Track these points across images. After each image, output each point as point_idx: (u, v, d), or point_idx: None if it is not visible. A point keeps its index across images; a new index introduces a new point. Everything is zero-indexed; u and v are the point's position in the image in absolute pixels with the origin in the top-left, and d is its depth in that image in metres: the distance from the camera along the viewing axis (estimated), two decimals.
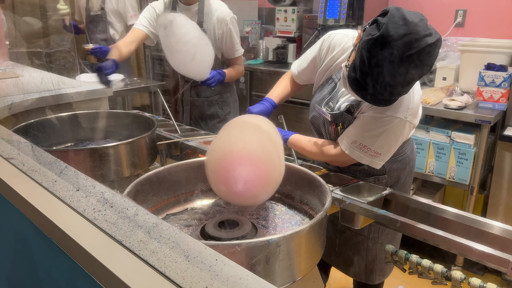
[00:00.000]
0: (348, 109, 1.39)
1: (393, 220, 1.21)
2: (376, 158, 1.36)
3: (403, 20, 1.07)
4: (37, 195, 0.92)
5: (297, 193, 1.34)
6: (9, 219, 1.11)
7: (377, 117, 1.31)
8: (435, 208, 1.30)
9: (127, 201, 0.88)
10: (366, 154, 1.35)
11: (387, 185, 1.51)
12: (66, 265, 0.82)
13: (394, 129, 1.31)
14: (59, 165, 1.08)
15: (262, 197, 1.13)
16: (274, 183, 1.10)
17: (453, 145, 2.43)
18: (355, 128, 1.36)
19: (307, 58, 1.60)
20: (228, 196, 1.12)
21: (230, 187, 1.03)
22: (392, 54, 1.07)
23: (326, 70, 1.50)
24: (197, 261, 0.67)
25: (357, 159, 1.37)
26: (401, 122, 1.30)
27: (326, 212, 1.07)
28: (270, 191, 1.11)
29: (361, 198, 1.30)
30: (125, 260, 0.69)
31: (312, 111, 1.55)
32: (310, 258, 1.05)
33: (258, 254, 0.89)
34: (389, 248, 1.27)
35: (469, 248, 1.09)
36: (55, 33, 2.66)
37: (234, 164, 1.02)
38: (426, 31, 1.09)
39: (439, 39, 1.11)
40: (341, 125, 1.42)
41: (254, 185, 1.04)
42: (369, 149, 1.34)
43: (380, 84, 1.12)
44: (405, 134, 1.36)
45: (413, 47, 1.07)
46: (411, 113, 1.31)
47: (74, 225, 0.80)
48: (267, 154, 1.07)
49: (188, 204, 1.37)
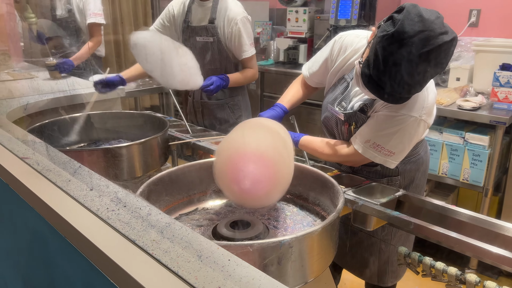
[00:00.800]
0: (362, 108, 1.38)
1: (406, 222, 1.20)
2: (390, 158, 1.34)
3: (419, 17, 1.06)
4: (51, 194, 0.94)
5: (309, 194, 1.34)
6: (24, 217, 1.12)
7: (391, 115, 1.30)
8: (449, 210, 1.28)
9: (140, 201, 0.88)
10: (379, 153, 1.33)
11: (400, 186, 1.50)
12: (80, 264, 0.83)
13: (409, 128, 1.30)
14: (73, 165, 1.09)
15: (271, 198, 1.12)
16: (284, 184, 1.09)
17: (467, 146, 2.40)
18: (369, 127, 1.35)
19: (318, 60, 1.59)
20: (238, 196, 1.09)
21: (240, 185, 1.01)
22: (407, 51, 1.06)
23: (338, 71, 1.49)
24: (209, 261, 0.67)
25: (370, 158, 1.35)
26: (415, 121, 1.29)
27: (338, 213, 1.06)
28: (280, 192, 1.10)
29: (373, 199, 1.29)
30: (138, 259, 0.70)
31: (325, 111, 1.54)
32: (322, 260, 1.04)
33: (270, 255, 0.89)
34: (402, 250, 1.26)
35: (484, 250, 1.08)
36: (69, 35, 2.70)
37: (247, 161, 1.00)
38: (442, 29, 1.08)
39: (455, 37, 1.10)
40: (354, 125, 1.41)
41: (265, 185, 1.03)
42: (383, 148, 1.32)
43: (394, 81, 1.11)
44: (420, 134, 1.35)
45: (428, 44, 1.06)
46: (425, 112, 1.30)
47: (88, 224, 0.81)
48: (279, 155, 1.07)
49: (200, 204, 1.37)
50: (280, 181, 1.07)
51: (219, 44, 2.14)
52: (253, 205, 1.20)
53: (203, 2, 2.14)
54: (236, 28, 2.09)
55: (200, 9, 2.15)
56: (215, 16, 2.12)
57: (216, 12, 2.11)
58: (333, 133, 1.54)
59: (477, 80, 2.64)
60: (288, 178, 1.09)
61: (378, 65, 1.11)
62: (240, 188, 1.00)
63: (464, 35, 2.98)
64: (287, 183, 1.09)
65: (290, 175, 1.10)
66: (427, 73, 1.11)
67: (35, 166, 1.07)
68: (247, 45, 2.15)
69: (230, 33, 2.11)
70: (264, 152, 1.03)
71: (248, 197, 1.04)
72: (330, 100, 1.50)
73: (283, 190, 1.09)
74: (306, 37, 3.61)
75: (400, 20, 1.07)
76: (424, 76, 1.12)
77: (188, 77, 1.86)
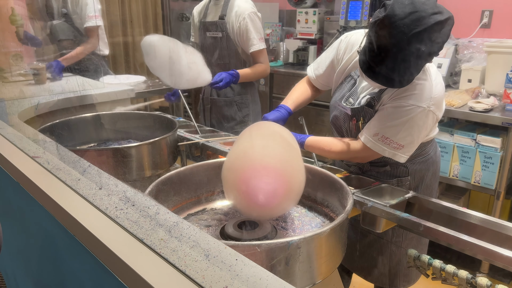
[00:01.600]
0: (369, 102, 1.37)
1: (416, 224, 1.19)
2: (399, 151, 1.32)
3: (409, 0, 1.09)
4: (61, 193, 0.94)
5: (317, 195, 1.33)
6: (34, 216, 1.13)
7: (399, 107, 1.28)
8: (460, 212, 1.27)
9: (149, 200, 0.89)
10: (388, 147, 1.32)
11: (410, 187, 1.48)
12: (88, 262, 0.83)
13: (417, 119, 1.28)
14: (83, 164, 1.10)
15: (285, 208, 1.10)
16: (297, 192, 1.06)
17: (478, 148, 2.37)
18: (377, 121, 1.34)
19: (324, 61, 1.58)
20: (251, 210, 1.06)
21: (255, 200, 0.98)
22: (399, 33, 1.08)
23: (345, 69, 1.49)
24: (217, 261, 0.67)
25: (379, 152, 1.33)
26: (424, 112, 1.28)
27: (347, 215, 1.05)
28: (293, 201, 1.07)
29: (383, 201, 1.28)
30: (146, 258, 0.70)
31: (333, 110, 1.53)
32: (331, 261, 1.03)
33: (278, 255, 0.89)
34: (411, 253, 1.24)
35: (496, 253, 1.06)
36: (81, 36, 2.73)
37: (260, 177, 0.98)
38: (434, 9, 1.10)
39: (450, 17, 1.12)
40: (362, 120, 1.40)
41: (279, 197, 1.01)
42: (392, 141, 1.31)
43: (389, 63, 1.13)
44: (429, 126, 1.33)
45: (420, 24, 1.08)
46: (434, 103, 1.28)
47: (97, 223, 0.81)
48: (291, 165, 1.05)
49: (208, 204, 1.37)
50: (294, 190, 1.05)
51: (228, 40, 2.23)
52: (266, 217, 1.18)
53: (217, 1, 2.26)
54: (244, 22, 2.17)
55: (214, 7, 2.28)
56: (225, 12, 2.21)
57: (227, 9, 2.22)
58: (342, 132, 1.53)
59: (489, 81, 2.61)
60: (301, 186, 1.07)
61: (372, 50, 1.14)
62: (254, 203, 0.99)
63: (476, 36, 2.94)
64: (300, 191, 1.07)
65: (302, 182, 1.07)
66: (422, 53, 1.12)
67: (46, 165, 1.08)
68: (256, 39, 2.21)
69: (239, 27, 2.19)
70: (277, 164, 1.01)
71: (262, 210, 1.02)
72: (337, 98, 1.49)
73: (296, 199, 1.07)
74: (316, 39, 3.60)
75: (390, 5, 1.10)
76: (419, 56, 1.13)
77: (196, 74, 1.89)
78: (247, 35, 2.19)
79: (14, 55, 2.55)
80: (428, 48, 1.11)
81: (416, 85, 1.28)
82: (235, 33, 2.21)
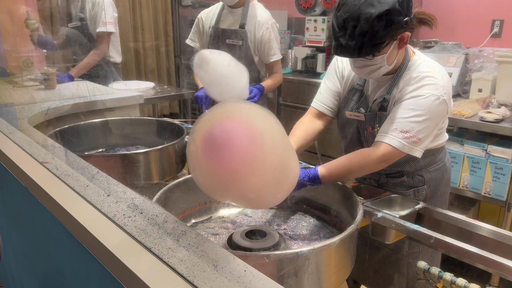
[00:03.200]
0: (381, 106, 1.36)
1: (427, 236, 1.17)
2: (416, 145, 1.30)
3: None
4: (69, 199, 0.94)
5: (326, 205, 1.32)
6: (42, 221, 1.13)
7: (415, 96, 1.29)
8: (471, 224, 1.25)
9: (157, 208, 0.88)
10: (407, 141, 1.30)
11: (426, 196, 1.47)
12: (95, 269, 0.83)
13: (433, 109, 1.28)
14: (91, 170, 1.09)
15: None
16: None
17: (489, 159, 2.34)
18: (393, 118, 1.32)
19: (326, 86, 1.54)
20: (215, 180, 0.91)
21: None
22: (352, 5, 1.21)
23: (346, 84, 1.48)
24: (225, 271, 0.66)
25: (399, 147, 1.28)
26: (438, 100, 1.28)
27: (357, 225, 1.04)
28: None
29: (393, 211, 1.26)
30: (153, 267, 0.69)
31: (345, 126, 1.50)
32: (340, 273, 1.02)
33: (286, 267, 0.87)
34: (421, 265, 1.22)
35: (507, 267, 1.04)
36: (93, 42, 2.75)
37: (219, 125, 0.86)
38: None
39: None
40: (377, 127, 1.38)
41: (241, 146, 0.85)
42: (410, 135, 1.29)
43: (350, 31, 1.21)
44: (442, 117, 1.33)
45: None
46: (445, 92, 1.29)
47: (105, 230, 0.81)
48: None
49: (216, 212, 1.36)
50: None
51: (247, 49, 2.24)
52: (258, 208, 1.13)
53: (233, 9, 2.26)
54: (267, 32, 2.21)
55: (230, 15, 2.27)
56: (245, 21, 2.23)
57: (246, 18, 2.23)
58: (358, 144, 1.50)
59: (500, 91, 2.58)
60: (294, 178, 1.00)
61: (335, 31, 1.25)
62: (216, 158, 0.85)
63: (486, 45, 2.92)
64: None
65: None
66: (372, 13, 1.18)
67: (54, 171, 1.08)
68: (276, 49, 2.27)
69: (261, 36, 2.21)
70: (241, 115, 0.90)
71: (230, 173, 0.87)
72: (347, 111, 1.47)
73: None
74: (325, 46, 3.59)
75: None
76: (370, 15, 1.18)
77: (240, 92, 1.87)
78: (269, 44, 2.23)
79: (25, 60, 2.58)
80: (378, 8, 1.18)
81: (424, 78, 1.29)
82: (257, 41, 2.23)
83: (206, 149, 0.85)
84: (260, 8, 2.28)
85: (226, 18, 2.29)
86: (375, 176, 1.51)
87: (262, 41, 2.22)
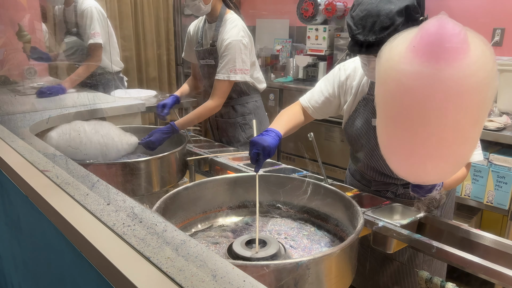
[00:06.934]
0: None
1: (428, 245, 1.16)
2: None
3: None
4: (69, 208, 0.94)
5: (327, 213, 1.31)
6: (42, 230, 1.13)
7: None
8: (474, 234, 1.24)
9: (156, 217, 0.88)
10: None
11: (439, 203, 1.45)
12: (94, 279, 0.82)
13: None
14: (92, 179, 1.09)
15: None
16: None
17: (491, 168, 2.33)
18: None
19: (320, 91, 1.55)
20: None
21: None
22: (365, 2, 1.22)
23: (355, 96, 1.47)
24: (224, 281, 0.65)
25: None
26: None
27: (358, 234, 1.03)
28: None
29: (394, 220, 1.26)
30: (152, 277, 0.68)
31: (361, 138, 1.47)
32: (341, 282, 1.01)
33: (286, 276, 0.87)
34: (423, 275, 1.21)
35: (510, 278, 1.03)
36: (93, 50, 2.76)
37: None
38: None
39: None
40: None
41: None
42: None
43: (369, 26, 1.21)
44: None
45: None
46: None
47: (104, 240, 0.80)
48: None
49: (216, 220, 1.36)
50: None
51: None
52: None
53: (210, 24, 2.09)
54: (226, 52, 1.97)
55: (208, 31, 2.10)
56: (216, 39, 2.04)
57: (217, 35, 2.04)
58: None
59: (502, 100, 2.58)
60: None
61: (351, 29, 1.25)
62: None
63: None
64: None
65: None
66: (395, 4, 1.19)
67: (55, 179, 1.08)
68: (224, 68, 1.97)
69: (221, 55, 2.00)
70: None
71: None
72: (363, 123, 1.45)
73: None
74: (326, 55, 3.61)
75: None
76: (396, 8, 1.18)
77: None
78: (224, 62, 1.98)
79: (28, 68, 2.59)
80: (396, 5, 1.19)
81: None
82: (219, 60, 2.02)
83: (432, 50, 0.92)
84: (230, 23, 2.01)
85: (206, 34, 2.13)
86: (392, 188, 1.50)
87: (222, 60, 1.99)
